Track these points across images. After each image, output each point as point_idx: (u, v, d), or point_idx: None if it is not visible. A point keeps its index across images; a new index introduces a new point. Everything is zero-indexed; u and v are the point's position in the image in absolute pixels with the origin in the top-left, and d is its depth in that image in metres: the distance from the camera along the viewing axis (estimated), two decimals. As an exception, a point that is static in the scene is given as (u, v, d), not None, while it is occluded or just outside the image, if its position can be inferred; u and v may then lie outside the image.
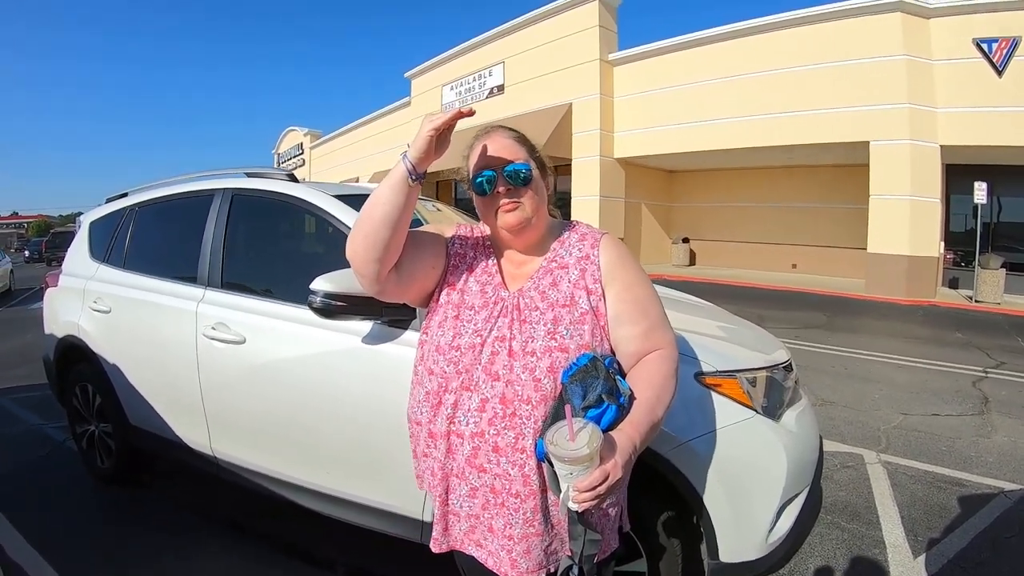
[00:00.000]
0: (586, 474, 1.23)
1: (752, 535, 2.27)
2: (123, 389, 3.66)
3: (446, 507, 1.55)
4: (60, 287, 4.33)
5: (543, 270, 1.59)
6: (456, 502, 1.52)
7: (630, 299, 1.55)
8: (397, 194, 1.46)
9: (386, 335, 2.51)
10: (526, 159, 1.57)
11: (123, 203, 4.23)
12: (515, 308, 1.53)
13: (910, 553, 3.28)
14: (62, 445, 4.76)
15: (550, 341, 1.46)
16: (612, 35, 20.38)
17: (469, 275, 1.62)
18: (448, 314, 1.57)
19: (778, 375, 2.54)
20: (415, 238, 1.60)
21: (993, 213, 16.72)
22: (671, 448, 2.18)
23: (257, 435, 2.98)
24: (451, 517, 1.55)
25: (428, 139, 1.42)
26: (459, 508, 1.52)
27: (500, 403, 1.44)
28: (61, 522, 3.56)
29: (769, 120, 16.83)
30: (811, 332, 10.22)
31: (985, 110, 14.09)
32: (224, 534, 3.46)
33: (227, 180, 3.51)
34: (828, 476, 4.14)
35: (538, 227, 1.61)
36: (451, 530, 1.56)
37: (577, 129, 20.76)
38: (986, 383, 7.06)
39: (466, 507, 1.50)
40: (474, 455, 1.46)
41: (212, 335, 3.04)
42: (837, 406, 6.01)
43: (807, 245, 20.32)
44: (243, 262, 3.34)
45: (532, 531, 1.46)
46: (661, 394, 1.45)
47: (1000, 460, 4.64)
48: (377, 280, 1.53)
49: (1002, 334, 10.47)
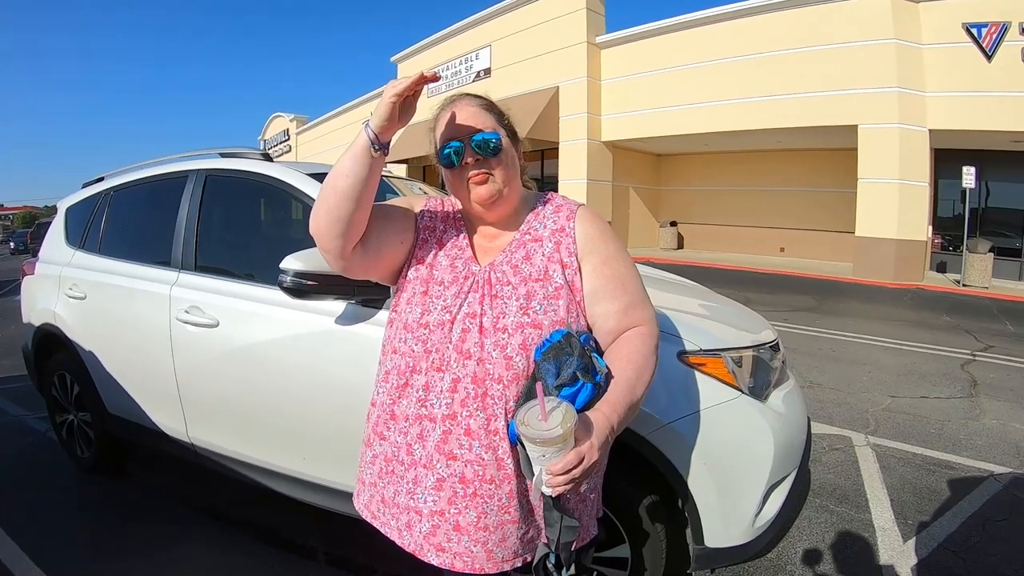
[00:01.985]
0: (560, 456, 1.17)
1: (738, 519, 2.21)
2: (100, 377, 3.59)
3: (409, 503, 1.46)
4: (36, 275, 4.25)
5: (516, 243, 1.52)
6: (421, 496, 1.43)
7: (608, 274, 1.48)
8: (360, 165, 1.38)
9: (360, 315, 2.45)
10: (494, 127, 1.49)
11: (99, 188, 4.15)
12: (486, 283, 1.46)
13: (900, 536, 3.25)
14: (44, 436, 4.70)
15: (522, 317, 1.40)
16: (599, 18, 20.22)
17: (439, 250, 1.55)
18: (416, 290, 1.50)
19: (765, 355, 2.48)
20: (382, 211, 1.53)
21: (981, 198, 16.76)
22: (653, 430, 2.13)
23: (232, 420, 2.93)
24: (412, 515, 1.46)
25: (391, 105, 1.33)
26: (422, 505, 1.43)
27: (472, 383, 1.37)
28: (42, 512, 3.51)
29: (758, 103, 16.78)
30: (799, 315, 10.22)
31: (974, 95, 14.07)
32: (206, 522, 3.41)
33: (201, 161, 3.44)
34: (816, 458, 4.12)
35: (510, 199, 1.53)
36: (411, 532, 1.46)
37: (564, 112, 20.66)
38: (974, 366, 7.07)
39: (430, 503, 1.41)
40: (444, 440, 1.39)
41: (186, 319, 2.97)
42: (825, 388, 6.00)
43: (795, 229, 20.34)
44: (217, 244, 3.27)
45: (508, 518, 1.40)
46: (641, 372, 1.38)
47: (989, 443, 4.63)
48: (342, 256, 1.45)
49: (990, 318, 10.52)
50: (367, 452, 1.57)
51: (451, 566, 1.42)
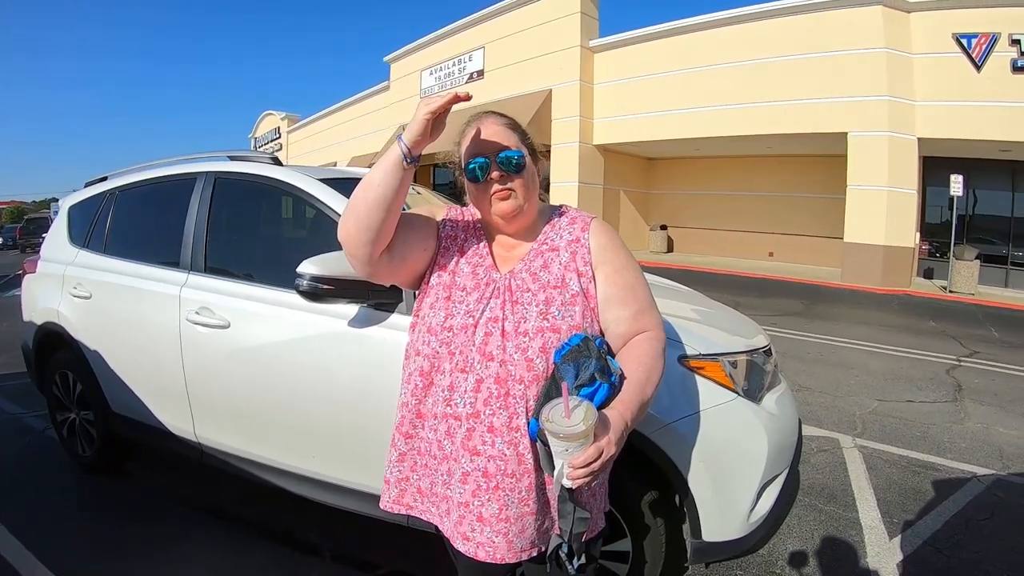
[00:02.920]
0: (581, 451, 1.26)
1: (734, 514, 2.31)
2: (104, 376, 3.61)
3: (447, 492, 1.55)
4: (39, 273, 4.25)
5: (534, 252, 1.61)
6: (456, 487, 1.51)
7: (620, 282, 1.57)
8: (391, 177, 1.46)
9: (372, 318, 2.50)
10: (518, 145, 1.57)
11: (103, 187, 4.16)
12: (507, 289, 1.54)
13: (886, 534, 3.35)
14: (42, 434, 4.69)
15: (542, 322, 1.48)
16: (593, 22, 20.32)
17: (460, 257, 1.63)
18: (440, 295, 1.58)
19: (759, 359, 2.58)
20: (407, 220, 1.61)
21: (969, 205, 17.00)
22: (656, 429, 2.21)
23: (242, 420, 2.97)
24: (450, 503, 1.54)
25: (424, 122, 1.42)
26: (455, 494, 1.52)
27: (495, 383, 1.46)
28: (44, 512, 3.51)
29: (749, 109, 16.92)
30: (788, 319, 10.34)
31: (963, 104, 14.28)
32: (209, 521, 3.43)
33: (210, 163, 3.46)
34: (805, 459, 4.21)
35: (529, 213, 1.62)
36: (450, 516, 1.55)
37: (557, 115, 20.74)
38: (959, 371, 7.20)
39: (457, 495, 1.51)
40: (468, 436, 1.47)
41: (196, 320, 3.01)
42: (814, 391, 6.11)
43: (784, 234, 20.52)
44: (227, 246, 3.31)
45: (527, 510, 1.49)
46: (650, 374, 1.48)
47: (973, 445, 4.74)
48: (369, 262, 1.53)
49: (976, 324, 10.66)
50: (392, 452, 1.65)
51: (475, 555, 1.50)
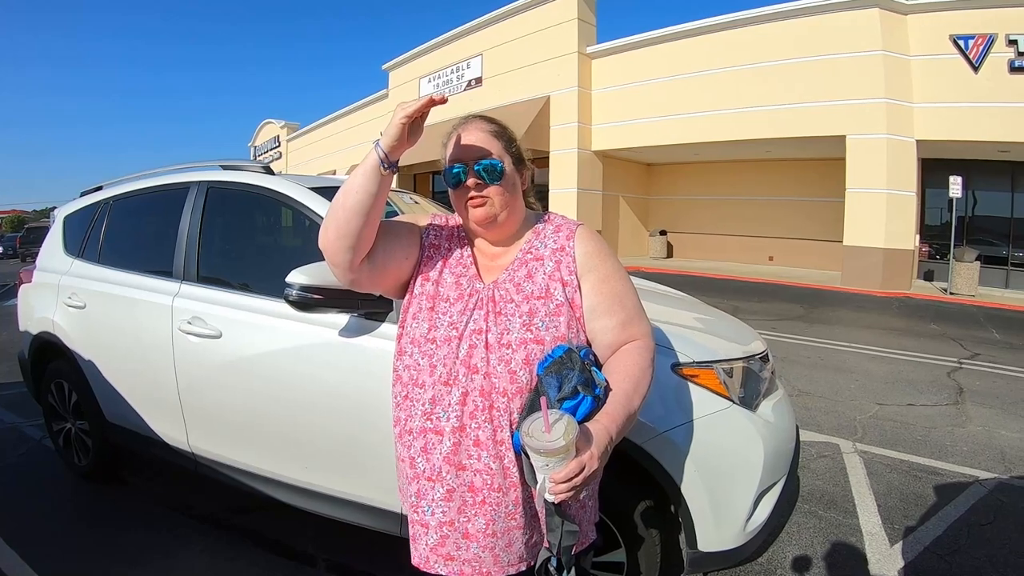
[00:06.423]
0: (562, 465, 1.24)
1: (730, 524, 2.28)
2: (99, 385, 3.61)
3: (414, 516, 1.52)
4: (34, 283, 4.26)
5: (518, 262, 1.59)
6: (427, 509, 1.48)
7: (607, 291, 1.55)
8: (370, 182, 1.44)
9: (363, 328, 2.49)
10: (500, 154, 1.55)
11: (98, 196, 4.16)
12: (490, 300, 1.52)
13: (887, 541, 3.32)
14: (39, 443, 4.69)
15: (525, 333, 1.46)
16: (591, 28, 20.32)
17: (444, 266, 1.61)
18: (423, 305, 1.56)
19: (755, 365, 2.56)
20: (389, 227, 1.60)
21: (968, 207, 16.97)
22: (649, 439, 2.19)
23: (234, 430, 2.96)
24: (417, 528, 1.51)
25: (400, 127, 1.41)
26: (429, 517, 1.48)
27: (480, 396, 1.44)
28: (40, 521, 3.51)
29: (747, 114, 16.91)
30: (788, 323, 10.31)
31: (961, 105, 14.25)
32: (205, 531, 3.42)
33: (202, 173, 3.46)
34: (805, 465, 4.19)
35: (508, 223, 1.60)
36: (417, 545, 1.52)
37: (555, 122, 20.72)
38: (961, 374, 7.16)
39: (439, 514, 1.47)
40: (454, 451, 1.45)
41: (188, 329, 3.01)
42: (813, 396, 6.07)
43: (784, 238, 20.49)
44: (219, 256, 3.30)
45: (514, 524, 1.47)
46: (638, 385, 1.45)
47: (975, 449, 4.71)
48: (350, 269, 1.52)
49: (976, 326, 10.62)
50: None
51: (460, 573, 1.47)
